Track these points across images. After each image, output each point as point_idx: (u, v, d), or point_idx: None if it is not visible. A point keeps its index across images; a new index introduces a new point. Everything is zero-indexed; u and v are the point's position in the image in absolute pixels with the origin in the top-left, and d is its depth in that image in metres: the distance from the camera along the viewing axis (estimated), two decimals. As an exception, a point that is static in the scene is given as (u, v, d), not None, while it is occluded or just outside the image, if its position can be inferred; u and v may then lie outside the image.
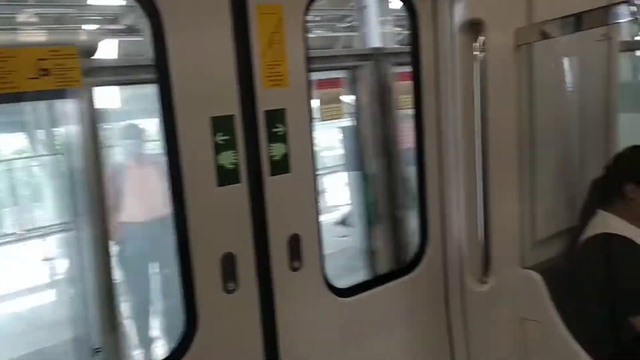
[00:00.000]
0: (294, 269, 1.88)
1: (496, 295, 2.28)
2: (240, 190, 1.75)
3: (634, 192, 2.32)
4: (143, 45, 2.13)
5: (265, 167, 1.79)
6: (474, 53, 2.15)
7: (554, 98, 2.45)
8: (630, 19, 1.84)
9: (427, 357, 2.30)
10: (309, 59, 1.84)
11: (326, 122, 3.64)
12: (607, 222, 2.36)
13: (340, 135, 3.54)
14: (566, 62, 2.46)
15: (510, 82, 2.24)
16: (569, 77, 2.49)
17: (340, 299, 2.03)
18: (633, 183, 2.32)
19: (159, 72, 1.60)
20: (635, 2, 1.76)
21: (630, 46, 2.64)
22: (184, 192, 1.66)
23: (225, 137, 1.69)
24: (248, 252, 1.78)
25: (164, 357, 1.70)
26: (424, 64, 2.21)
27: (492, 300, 2.28)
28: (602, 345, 2.30)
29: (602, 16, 1.98)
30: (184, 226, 1.67)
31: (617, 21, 1.97)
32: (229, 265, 1.74)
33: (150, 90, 1.67)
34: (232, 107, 1.70)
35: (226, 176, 1.71)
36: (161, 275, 4.15)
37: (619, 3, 1.83)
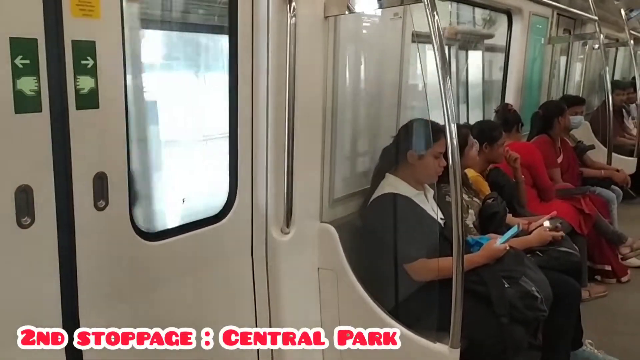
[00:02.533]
0: (99, 209, 1.84)
1: (296, 245, 2.48)
2: (41, 120, 1.65)
3: (413, 158, 2.71)
4: None
5: (71, 100, 1.71)
6: (287, 18, 2.30)
7: (355, 72, 2.74)
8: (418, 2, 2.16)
9: (232, 304, 2.41)
10: None
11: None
12: (392, 183, 2.72)
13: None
14: (368, 38, 2.77)
15: (317, 51, 2.45)
16: (369, 54, 2.81)
17: (146, 242, 2.02)
18: (412, 150, 2.71)
19: None
20: None
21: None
22: None
23: (25, 61, 1.58)
24: (47, 187, 1.70)
25: None
26: (241, 24, 2.30)
27: (292, 249, 2.47)
28: (388, 292, 2.66)
29: None
30: None
31: (409, 3, 2.30)
32: (24, 199, 1.64)
33: None
34: (35, 30, 1.60)
35: (25, 103, 1.60)
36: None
37: None
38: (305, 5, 2.30)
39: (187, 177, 2.51)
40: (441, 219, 2.77)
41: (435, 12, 2.07)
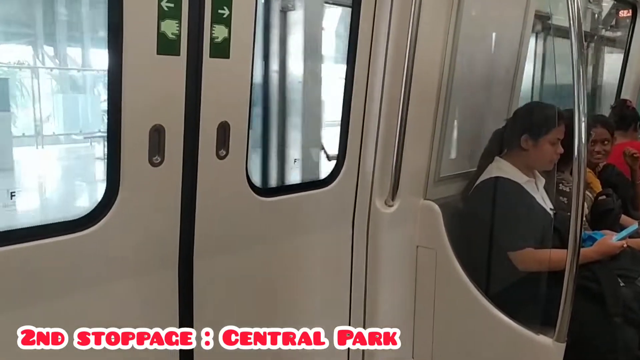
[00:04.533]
0: (220, 157, 1.89)
1: (398, 219, 2.44)
2: (178, 64, 1.71)
3: (527, 143, 2.58)
4: None
5: (206, 47, 1.76)
6: None
7: (474, 49, 2.64)
8: None
9: (329, 269, 2.42)
10: None
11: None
12: (502, 168, 2.61)
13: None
14: (490, 14, 2.66)
15: (439, 24, 2.38)
16: (489, 30, 2.70)
17: (258, 197, 2.06)
18: (527, 135, 2.58)
19: None
20: None
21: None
22: (122, 53, 1.60)
23: (170, 5, 1.64)
24: (178, 129, 1.76)
25: (80, 216, 1.65)
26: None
27: (394, 223, 2.43)
28: (488, 277, 2.56)
29: None
30: (119, 90, 1.62)
31: None
32: (156, 138, 1.71)
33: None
34: None
35: (166, 45, 1.66)
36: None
37: None
38: None
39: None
40: (551, 209, 2.63)
41: None
